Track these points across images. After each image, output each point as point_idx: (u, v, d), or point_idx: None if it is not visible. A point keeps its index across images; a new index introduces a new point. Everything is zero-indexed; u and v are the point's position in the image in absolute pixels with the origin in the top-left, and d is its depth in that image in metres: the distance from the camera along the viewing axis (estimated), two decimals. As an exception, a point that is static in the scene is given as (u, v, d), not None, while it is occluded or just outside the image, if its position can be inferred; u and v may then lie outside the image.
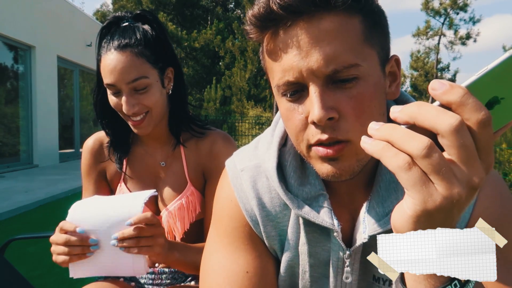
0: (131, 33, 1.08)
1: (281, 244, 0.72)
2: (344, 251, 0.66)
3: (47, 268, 2.88)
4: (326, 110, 0.54)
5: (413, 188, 0.39)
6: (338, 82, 0.55)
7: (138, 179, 1.22)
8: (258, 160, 0.73)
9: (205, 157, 1.19)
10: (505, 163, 5.84)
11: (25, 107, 8.70)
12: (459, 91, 0.39)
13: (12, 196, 5.62)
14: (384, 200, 0.64)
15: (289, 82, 0.57)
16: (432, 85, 0.40)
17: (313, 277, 0.70)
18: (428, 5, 27.93)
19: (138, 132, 1.13)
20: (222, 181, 0.78)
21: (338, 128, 0.56)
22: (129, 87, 1.06)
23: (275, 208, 0.70)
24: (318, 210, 0.66)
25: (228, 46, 19.06)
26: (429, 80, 30.58)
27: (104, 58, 1.07)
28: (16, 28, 8.05)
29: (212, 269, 0.72)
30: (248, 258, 0.71)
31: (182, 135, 1.20)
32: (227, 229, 0.73)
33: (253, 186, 0.71)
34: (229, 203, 0.74)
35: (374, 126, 0.43)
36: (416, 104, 0.40)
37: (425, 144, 0.38)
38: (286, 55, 0.56)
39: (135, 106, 1.07)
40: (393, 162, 0.40)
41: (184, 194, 1.17)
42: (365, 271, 0.69)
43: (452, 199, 0.39)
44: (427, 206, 0.39)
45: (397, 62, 0.64)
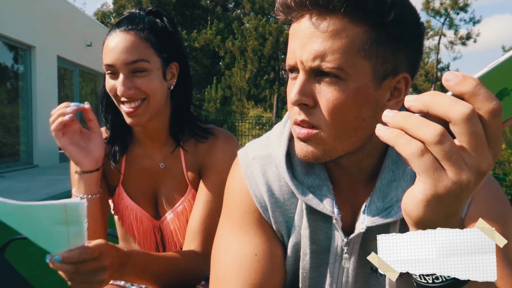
0: (139, 20, 1.06)
1: (288, 229, 0.76)
2: (342, 239, 0.70)
3: (47, 268, 2.86)
4: (301, 96, 0.62)
5: (425, 173, 0.41)
6: (322, 75, 0.61)
7: (136, 181, 1.17)
8: (269, 150, 0.77)
9: (203, 155, 1.15)
10: (505, 163, 5.84)
11: (25, 107, 8.70)
12: (471, 82, 0.40)
13: (12, 196, 5.57)
14: (385, 196, 0.68)
15: (289, 65, 0.65)
16: (445, 77, 0.42)
17: (315, 262, 0.75)
18: (428, 5, 27.94)
19: (131, 122, 1.05)
20: (234, 170, 0.83)
21: (312, 114, 0.63)
22: (127, 69, 1.01)
23: (283, 195, 0.75)
24: (321, 199, 0.70)
25: (228, 46, 19.07)
26: (429, 80, 30.63)
27: (108, 39, 1.04)
28: (16, 28, 8.05)
29: (223, 252, 0.77)
30: (257, 242, 0.75)
31: (182, 137, 1.16)
32: (237, 214, 0.78)
33: (264, 174, 0.76)
34: (240, 190, 0.78)
35: (388, 113, 0.44)
36: (430, 93, 0.42)
37: (438, 131, 0.40)
38: (293, 41, 0.63)
39: (130, 89, 1.01)
40: (406, 149, 0.42)
41: (186, 198, 1.15)
42: (363, 262, 0.72)
43: (461, 184, 0.41)
44: (437, 190, 0.41)
45: (406, 81, 0.64)
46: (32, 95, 8.75)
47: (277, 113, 18.30)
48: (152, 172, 1.17)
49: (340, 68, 0.59)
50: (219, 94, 17.41)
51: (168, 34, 1.09)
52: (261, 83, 18.83)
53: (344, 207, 0.72)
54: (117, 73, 1.02)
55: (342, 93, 0.60)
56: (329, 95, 0.61)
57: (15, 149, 8.59)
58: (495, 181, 0.72)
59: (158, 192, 1.18)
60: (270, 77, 19.18)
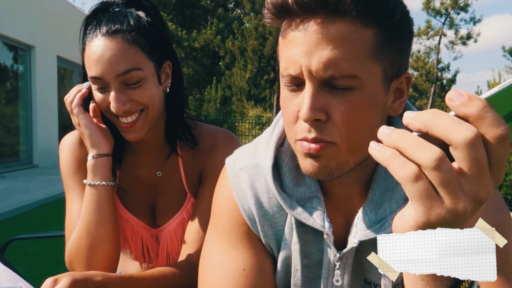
0: (122, 18, 0.91)
1: (278, 243, 0.73)
2: (334, 254, 0.67)
3: (47, 268, 2.88)
4: (314, 112, 0.55)
5: (418, 200, 0.39)
6: (334, 85, 0.56)
7: (131, 191, 1.09)
8: (257, 159, 0.73)
9: (204, 158, 1.07)
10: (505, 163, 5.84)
11: (25, 107, 8.69)
12: (478, 104, 0.37)
13: (12, 196, 5.62)
14: (378, 208, 0.65)
15: (290, 75, 0.58)
16: (449, 96, 0.38)
17: (307, 277, 0.71)
18: (429, 5, 27.92)
19: (129, 137, 0.95)
20: (221, 179, 0.79)
21: (325, 129, 0.57)
22: (118, 81, 0.89)
23: (272, 208, 0.71)
24: (311, 212, 0.66)
25: (228, 46, 19.05)
26: (430, 80, 30.58)
27: (89, 46, 0.90)
28: (16, 28, 8.04)
29: (210, 267, 0.73)
30: (245, 256, 0.71)
31: (178, 142, 1.07)
32: (225, 227, 0.74)
33: (252, 186, 0.72)
34: (228, 202, 0.75)
35: (384, 130, 0.42)
36: (431, 111, 0.39)
37: (437, 155, 0.37)
38: (293, 48, 0.57)
39: (126, 103, 0.90)
40: (399, 172, 0.39)
41: (185, 207, 1.08)
42: (357, 275, 0.70)
43: (456, 213, 0.38)
44: (430, 218, 0.39)
45: (408, 81, 0.63)
46: (32, 95, 8.74)
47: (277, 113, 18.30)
48: (148, 181, 1.10)
49: (355, 76, 0.54)
50: (219, 94, 17.40)
51: (156, 30, 0.96)
52: (261, 83, 18.82)
53: (337, 217, 0.69)
54: (108, 86, 0.91)
55: (356, 103, 0.56)
56: (343, 107, 0.56)
57: (15, 149, 8.58)
58: (496, 190, 0.68)
59: (155, 202, 1.11)
60: (270, 77, 19.17)
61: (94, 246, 0.94)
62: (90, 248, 0.94)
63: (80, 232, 0.95)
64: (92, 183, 0.96)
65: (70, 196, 1.05)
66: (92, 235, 0.94)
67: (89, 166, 0.97)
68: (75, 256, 0.95)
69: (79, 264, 0.95)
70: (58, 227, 4.77)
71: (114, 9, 0.94)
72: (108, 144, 0.98)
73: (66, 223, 1.03)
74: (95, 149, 0.97)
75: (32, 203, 5.27)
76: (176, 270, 0.96)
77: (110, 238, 0.96)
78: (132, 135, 0.95)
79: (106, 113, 0.96)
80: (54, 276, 0.78)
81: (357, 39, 0.54)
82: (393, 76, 0.60)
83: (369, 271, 0.69)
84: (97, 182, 0.96)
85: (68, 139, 1.08)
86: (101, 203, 0.95)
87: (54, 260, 2.49)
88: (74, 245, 0.95)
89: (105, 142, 0.97)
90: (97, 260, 0.94)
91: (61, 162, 1.07)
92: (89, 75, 0.91)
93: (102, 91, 0.92)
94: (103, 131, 0.99)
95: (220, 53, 19.75)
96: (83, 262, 0.94)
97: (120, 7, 0.95)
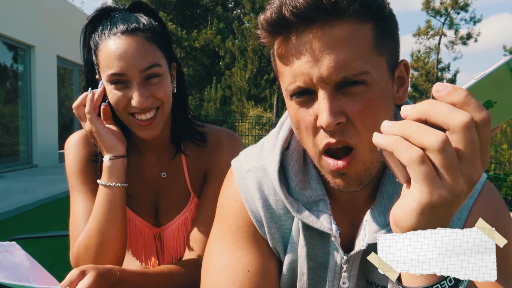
0: (135, 19, 0.94)
1: (284, 245, 0.73)
2: (342, 256, 0.67)
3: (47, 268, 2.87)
4: (334, 116, 0.55)
5: (423, 181, 0.41)
6: (347, 86, 0.56)
7: (136, 191, 1.10)
8: (263, 162, 0.74)
9: (208, 158, 1.09)
10: (506, 163, 5.83)
11: (25, 107, 8.70)
12: (462, 92, 0.41)
13: (11, 196, 5.62)
14: (386, 211, 0.65)
15: (299, 88, 0.58)
16: (436, 88, 0.42)
17: (313, 280, 0.71)
18: (429, 5, 27.93)
19: (146, 135, 0.97)
20: (228, 181, 0.79)
21: (346, 131, 0.58)
22: (142, 76, 0.91)
23: (279, 210, 0.72)
24: (318, 215, 0.67)
25: (228, 46, 19.05)
26: (430, 80, 30.62)
27: (107, 44, 0.91)
28: (16, 27, 8.04)
29: (213, 267, 0.73)
30: (250, 257, 0.71)
31: (182, 142, 1.09)
32: (231, 228, 0.74)
33: (259, 188, 0.72)
34: (234, 203, 0.75)
35: (387, 124, 0.44)
36: (428, 101, 0.42)
37: (443, 138, 0.40)
38: (298, 61, 0.57)
39: (148, 98, 0.92)
40: (406, 154, 0.41)
41: (188, 208, 1.09)
42: (360, 275, 0.70)
43: (455, 193, 0.41)
44: (432, 199, 0.41)
45: (406, 67, 0.64)
46: (32, 95, 8.75)
47: (277, 113, 18.28)
48: (152, 182, 1.11)
49: (366, 72, 0.56)
50: (219, 94, 17.39)
51: (165, 33, 1.00)
52: (261, 83, 18.82)
53: (342, 220, 0.70)
54: (128, 82, 0.93)
55: (371, 99, 0.57)
56: (359, 105, 0.56)
57: (14, 149, 8.59)
58: (495, 191, 0.69)
59: (159, 202, 1.12)
60: (270, 77, 19.17)
61: (104, 244, 0.95)
62: (100, 246, 0.95)
63: (91, 231, 0.96)
64: (108, 184, 0.97)
65: (75, 196, 1.05)
66: (103, 234, 0.95)
67: (106, 167, 0.98)
68: (83, 253, 0.96)
69: (86, 261, 0.96)
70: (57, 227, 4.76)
71: (118, 13, 0.97)
72: (123, 146, 1.00)
73: (71, 222, 1.04)
74: (111, 152, 0.98)
75: (32, 203, 5.27)
76: (182, 268, 0.97)
77: (119, 237, 0.97)
78: (149, 132, 0.96)
79: (121, 112, 0.97)
80: (80, 267, 0.80)
81: (358, 36, 0.56)
82: (394, 65, 0.62)
83: (371, 271, 0.69)
84: (112, 183, 0.97)
85: (73, 139, 1.09)
86: (115, 203, 0.97)
87: (53, 260, 2.49)
88: (83, 243, 0.96)
89: (120, 144, 0.99)
90: (105, 258, 0.95)
91: (67, 162, 1.07)
92: (110, 72, 0.91)
93: (122, 88, 0.93)
94: (115, 133, 1.00)
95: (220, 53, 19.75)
96: (91, 260, 0.95)
97: (123, 13, 0.98)
